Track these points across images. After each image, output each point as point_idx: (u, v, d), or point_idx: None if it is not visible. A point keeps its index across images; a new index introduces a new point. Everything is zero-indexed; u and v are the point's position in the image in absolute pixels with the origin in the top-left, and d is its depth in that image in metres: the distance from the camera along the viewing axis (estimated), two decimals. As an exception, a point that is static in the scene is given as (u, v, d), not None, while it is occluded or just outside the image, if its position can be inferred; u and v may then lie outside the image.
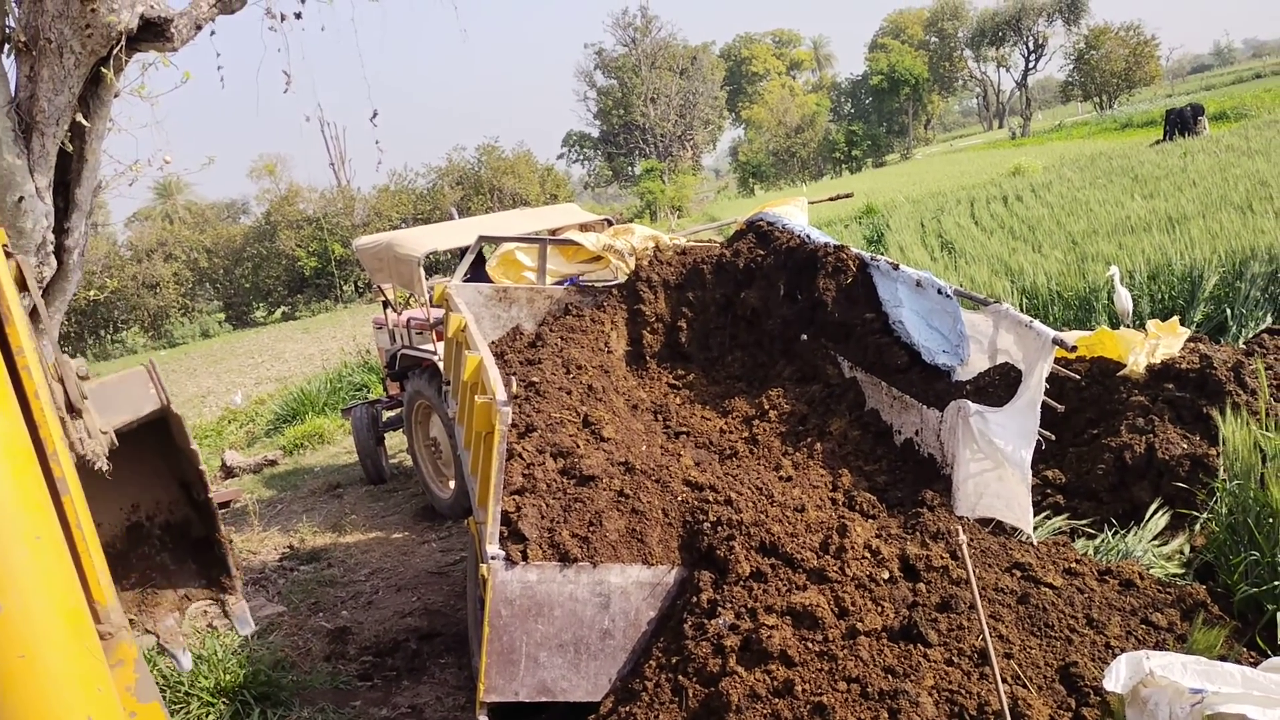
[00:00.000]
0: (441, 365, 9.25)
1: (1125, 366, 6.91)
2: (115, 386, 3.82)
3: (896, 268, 7.72)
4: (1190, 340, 7.28)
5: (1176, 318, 7.61)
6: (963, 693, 4.21)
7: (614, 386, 7.76)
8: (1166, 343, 7.03)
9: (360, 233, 43.33)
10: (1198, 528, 5.79)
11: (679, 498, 5.52)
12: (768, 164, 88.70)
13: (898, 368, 7.29)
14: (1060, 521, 6.09)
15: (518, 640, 4.92)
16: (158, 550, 4.31)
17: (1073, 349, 6.22)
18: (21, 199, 5.77)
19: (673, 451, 6.54)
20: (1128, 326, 8.73)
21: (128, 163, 7.36)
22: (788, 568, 5.02)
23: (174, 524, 4.33)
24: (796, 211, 9.96)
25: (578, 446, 5.86)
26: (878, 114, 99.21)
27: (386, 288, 12.11)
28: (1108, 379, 6.95)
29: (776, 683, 4.42)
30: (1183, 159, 21.75)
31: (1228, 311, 10.21)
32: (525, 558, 4.91)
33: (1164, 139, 33.59)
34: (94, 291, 39.33)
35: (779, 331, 8.62)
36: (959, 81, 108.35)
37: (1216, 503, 5.59)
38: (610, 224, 11.65)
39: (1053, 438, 6.34)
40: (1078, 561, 5.33)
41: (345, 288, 49.05)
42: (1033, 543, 5.79)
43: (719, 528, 5.21)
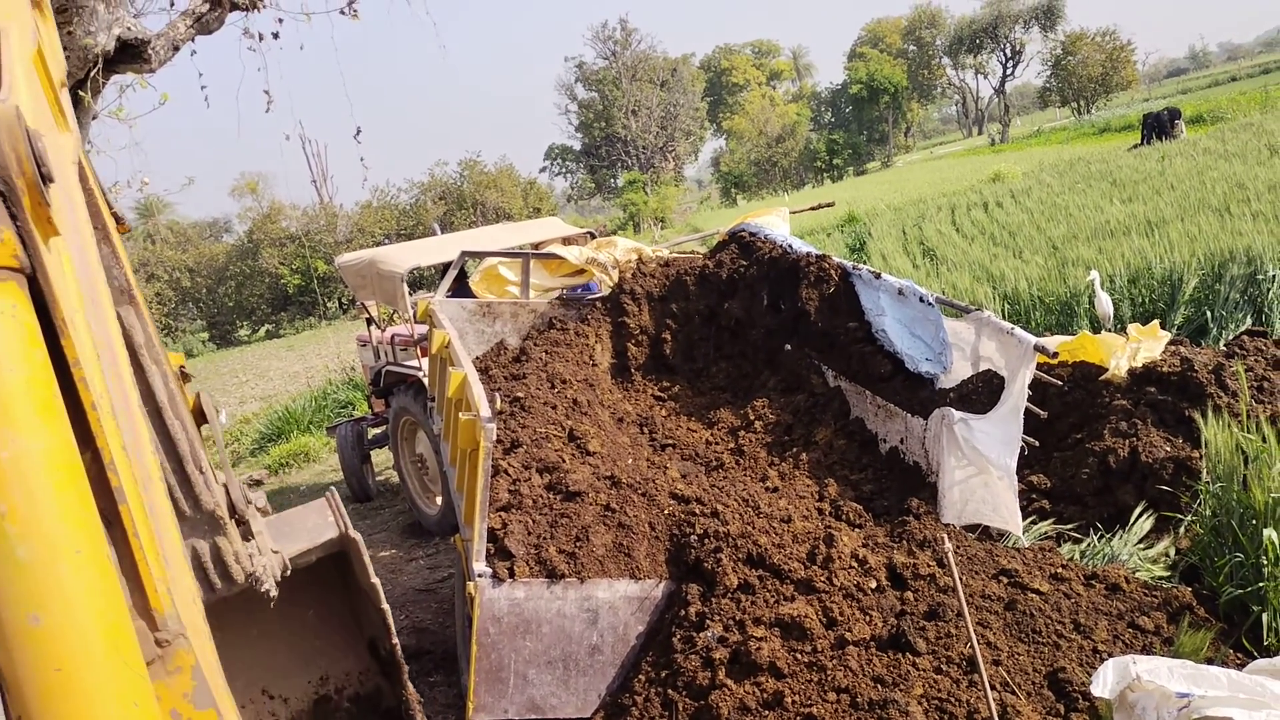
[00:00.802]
0: (426, 381, 9.23)
1: (1107, 370, 6.94)
2: (296, 516, 3.70)
3: (879, 276, 7.75)
4: (1171, 343, 7.32)
5: (1157, 321, 7.65)
6: (952, 701, 4.22)
7: (599, 400, 7.75)
8: (1148, 346, 7.06)
9: (343, 249, 43.24)
10: (1182, 530, 5.81)
11: (666, 511, 5.52)
12: (749, 174, 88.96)
13: (882, 376, 7.31)
14: (1046, 526, 6.11)
15: (506, 658, 4.90)
16: None
17: (1054, 355, 6.25)
18: None
19: (659, 464, 6.53)
20: (1109, 330, 8.78)
21: (107, 185, 7.34)
22: (775, 579, 5.02)
23: (364, 696, 4.08)
24: (778, 221, 10.00)
25: (564, 461, 5.85)
26: (858, 122, 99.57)
27: (370, 304, 12.07)
28: (1090, 383, 6.98)
29: (766, 695, 4.42)
30: (1160, 163, 21.89)
31: (1208, 314, 10.27)
32: (512, 575, 4.90)
33: (1141, 143, 33.81)
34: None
35: (763, 342, 8.64)
36: (938, 89, 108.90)
37: (1200, 505, 5.61)
38: (593, 237, 11.65)
39: (1036, 444, 6.37)
40: (1064, 566, 5.34)
41: (329, 305, 48.89)
42: (1023, 544, 5.81)
43: (706, 540, 5.21)
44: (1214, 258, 11.00)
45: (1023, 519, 6.04)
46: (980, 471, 5.96)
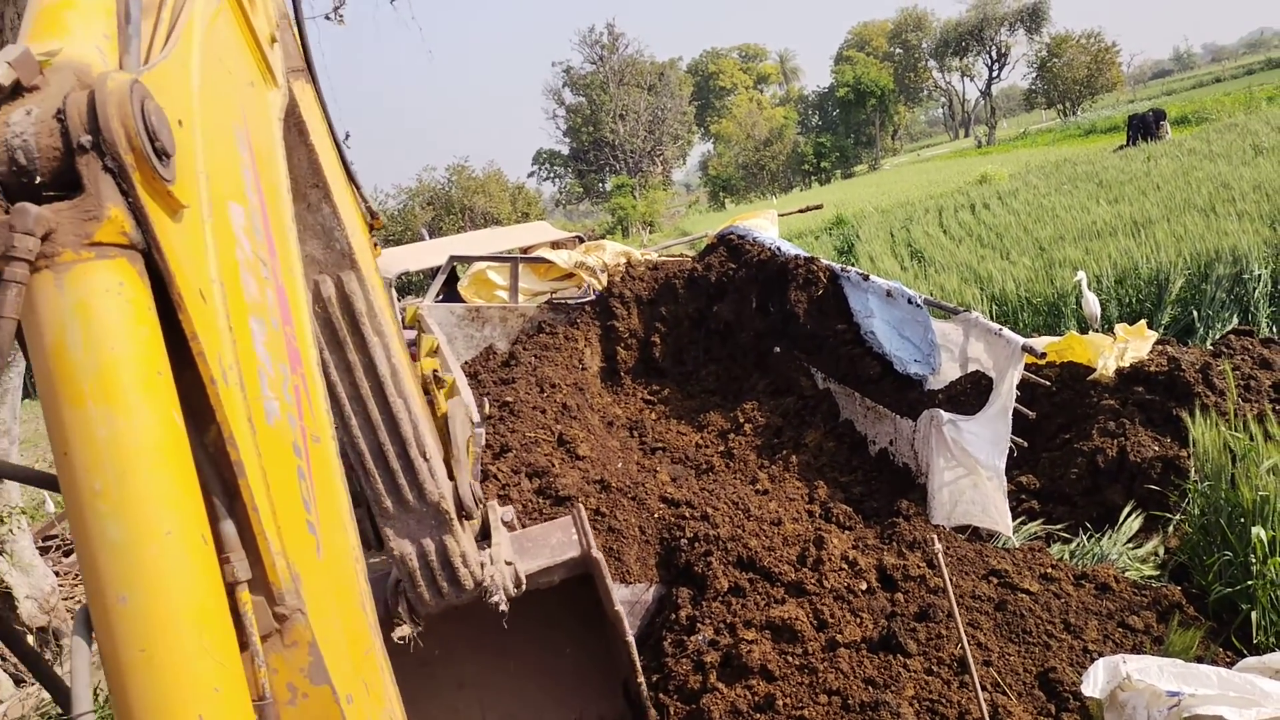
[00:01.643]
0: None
1: (1095, 371, 6.95)
2: (540, 532, 3.49)
3: (867, 278, 7.76)
4: (1158, 343, 7.34)
5: (1144, 321, 7.67)
6: (943, 702, 4.22)
7: (589, 404, 7.75)
8: (1135, 346, 7.08)
9: (331, 255, 42.97)
10: (1171, 529, 5.82)
11: (656, 514, 5.51)
12: (737, 177, 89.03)
13: (870, 378, 7.32)
14: (1035, 527, 6.11)
15: None
16: None
17: (1042, 356, 6.27)
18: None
19: (649, 468, 6.53)
20: (1096, 331, 8.80)
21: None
22: (766, 582, 5.02)
23: None
24: (767, 224, 10.02)
25: (553, 466, 5.84)
26: (845, 125, 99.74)
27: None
28: (1078, 383, 7.00)
29: (758, 698, 4.41)
30: (1146, 163, 21.96)
31: (1194, 313, 10.31)
32: (502, 579, 4.87)
33: (1127, 144, 33.90)
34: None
35: (752, 344, 8.64)
36: (924, 92, 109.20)
37: (1189, 504, 5.63)
38: (582, 241, 11.65)
39: (1025, 444, 6.38)
40: (1054, 567, 5.35)
41: (317, 311, 48.66)
42: (1013, 544, 5.82)
43: (696, 544, 5.20)
44: (1200, 257, 11.05)
45: (1013, 519, 6.05)
46: (969, 472, 5.96)
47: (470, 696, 3.73)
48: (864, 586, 5.05)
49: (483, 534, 3.10)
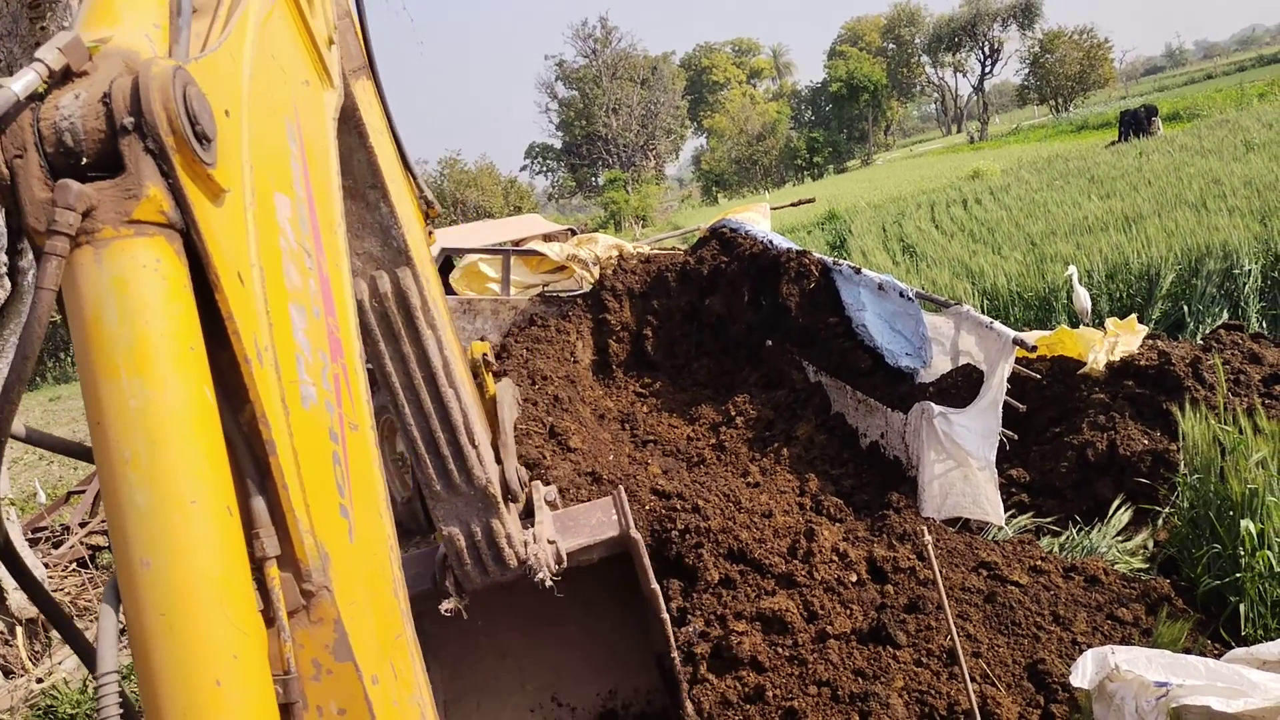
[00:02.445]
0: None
1: (1085, 365, 6.97)
2: (581, 511, 3.61)
3: (859, 272, 7.77)
4: (1149, 337, 7.35)
5: (1135, 315, 7.69)
6: (932, 693, 4.23)
7: (580, 396, 7.74)
8: (1125, 340, 7.10)
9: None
10: (1160, 522, 5.84)
11: (647, 506, 5.51)
12: (730, 172, 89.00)
13: (862, 371, 7.33)
14: (1025, 520, 6.13)
15: None
16: None
17: (1033, 349, 6.28)
18: (-27, 220, 5.68)
19: (640, 460, 6.53)
20: (1087, 325, 8.82)
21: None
22: (756, 573, 5.02)
23: (649, 714, 4.02)
24: (759, 217, 10.02)
25: (545, 458, 5.84)
26: (838, 120, 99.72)
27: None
28: (1068, 377, 7.01)
29: (748, 688, 4.42)
30: (1138, 159, 22.00)
31: (1185, 308, 10.34)
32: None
33: (1119, 140, 33.96)
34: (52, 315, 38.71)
35: (744, 338, 8.64)
36: (917, 87, 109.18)
37: (1178, 497, 5.65)
38: (574, 234, 11.63)
39: (1015, 437, 6.39)
40: (1043, 559, 5.36)
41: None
42: (1007, 534, 5.85)
43: (687, 536, 5.20)
44: (1191, 253, 11.08)
45: (1004, 515, 6.07)
46: (960, 465, 5.98)
47: (511, 666, 3.88)
48: (854, 578, 5.05)
49: (526, 512, 3.25)
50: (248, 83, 1.36)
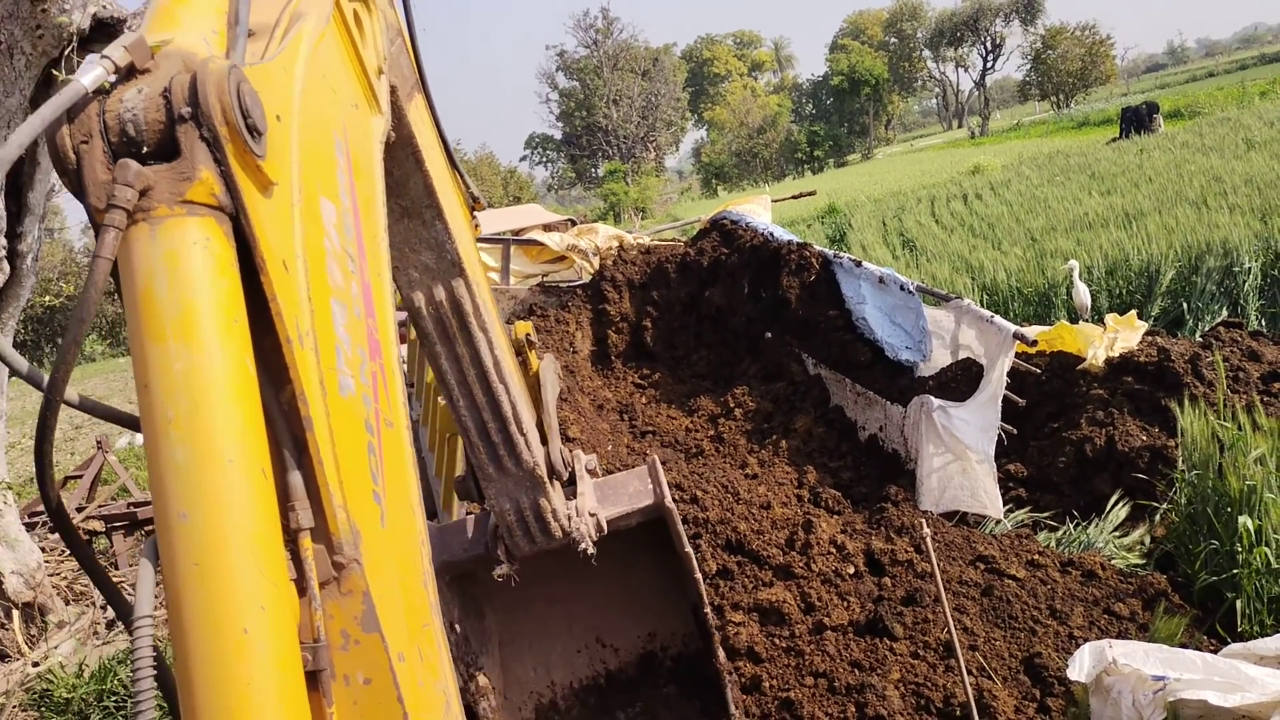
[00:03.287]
0: (405, 369, 9.18)
1: (1085, 360, 6.97)
2: (620, 480, 3.85)
3: (859, 265, 7.77)
4: (1148, 334, 7.36)
5: (1134, 312, 7.69)
6: (929, 685, 4.24)
7: (579, 387, 7.74)
8: (1125, 336, 7.10)
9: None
10: (1158, 518, 5.85)
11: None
12: (730, 165, 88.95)
13: (861, 364, 7.33)
14: (1023, 514, 6.13)
15: None
16: (666, 681, 4.27)
17: (1033, 343, 6.28)
18: (-28, 203, 5.68)
19: (639, 451, 6.53)
20: (1086, 321, 8.82)
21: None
22: (754, 565, 5.02)
23: (686, 656, 4.27)
24: (760, 210, 10.01)
25: (543, 446, 5.83)
26: (839, 114, 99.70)
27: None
28: (1067, 373, 7.02)
29: (744, 679, 4.43)
30: (1139, 156, 22.00)
31: (1184, 305, 10.35)
32: (491, 559, 4.88)
33: (1120, 137, 33.97)
34: (50, 298, 38.74)
35: (744, 329, 8.64)
36: (918, 82, 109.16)
37: (1176, 493, 5.65)
38: (574, 224, 11.62)
39: (1014, 431, 6.40)
40: (1040, 553, 5.37)
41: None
42: (1006, 527, 5.86)
43: (686, 525, 5.20)
44: (1191, 250, 11.09)
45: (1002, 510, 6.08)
46: (958, 458, 5.98)
47: (559, 611, 4.20)
48: (851, 570, 5.06)
49: (569, 482, 3.54)
50: (298, 95, 1.46)
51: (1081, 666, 3.73)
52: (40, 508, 10.13)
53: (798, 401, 7.66)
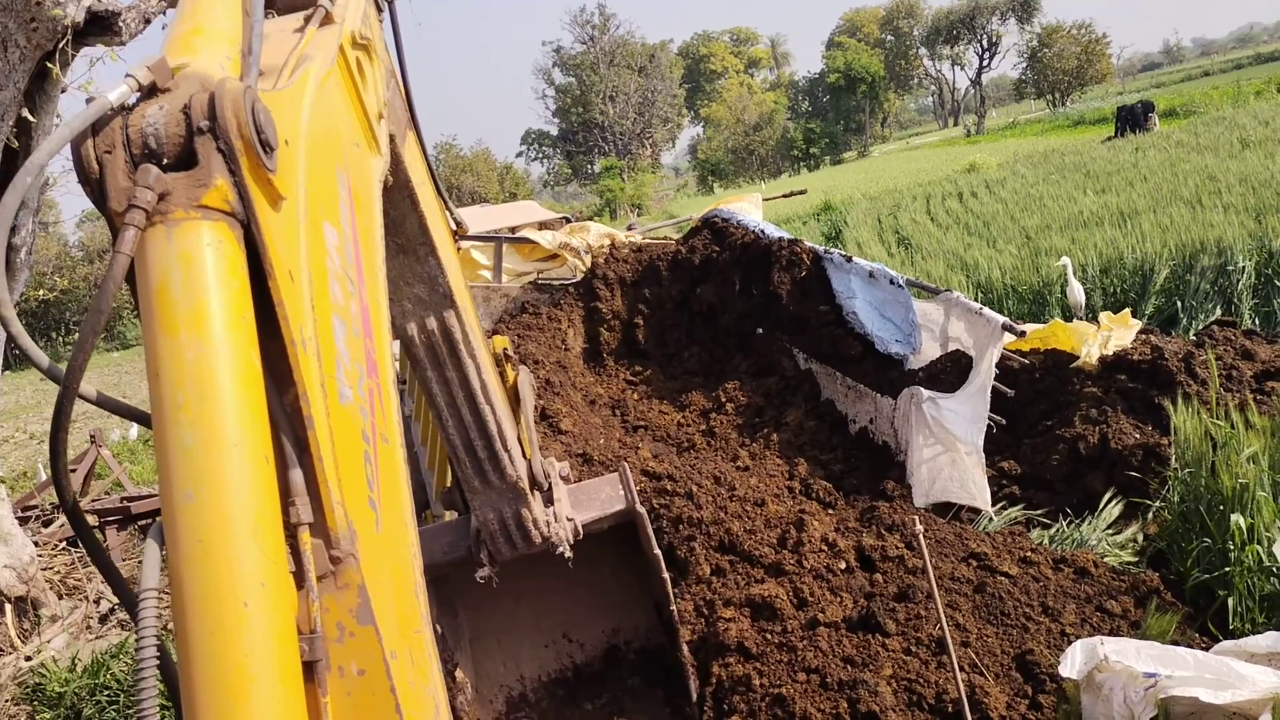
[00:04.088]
0: (397, 364, 9.17)
1: (1078, 358, 6.97)
2: (593, 486, 4.07)
3: (850, 260, 7.77)
4: (1142, 332, 7.36)
5: (1128, 310, 7.69)
6: (921, 681, 4.23)
7: (571, 383, 7.73)
8: (1118, 335, 7.10)
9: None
10: (1150, 516, 5.84)
11: (638, 488, 5.50)
12: (726, 162, 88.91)
13: (852, 358, 7.34)
14: (1016, 512, 6.13)
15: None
16: (630, 673, 4.50)
17: (1021, 333, 6.30)
18: (-38, 195, 5.64)
19: (630, 445, 6.53)
20: (1080, 319, 8.81)
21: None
22: (747, 564, 5.02)
23: (648, 649, 4.52)
24: (751, 208, 10.02)
25: (535, 441, 5.83)
26: (835, 112, 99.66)
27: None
28: (1061, 371, 7.01)
29: (735, 676, 4.41)
30: (1134, 155, 22.01)
31: (1178, 304, 10.34)
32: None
33: (1115, 135, 33.98)
34: (44, 292, 38.60)
35: (735, 326, 8.63)
36: (915, 80, 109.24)
37: (1169, 491, 5.65)
38: (568, 222, 11.62)
39: (1004, 422, 6.41)
40: (1033, 551, 5.36)
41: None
42: (992, 519, 5.86)
43: (680, 527, 5.19)
44: (1185, 248, 11.09)
45: (993, 504, 6.08)
46: (948, 449, 5.99)
47: (526, 608, 4.42)
48: (843, 566, 5.05)
49: (546, 492, 3.75)
50: (305, 124, 1.56)
51: (1073, 663, 3.73)
52: (33, 502, 10.12)
53: (789, 396, 7.66)
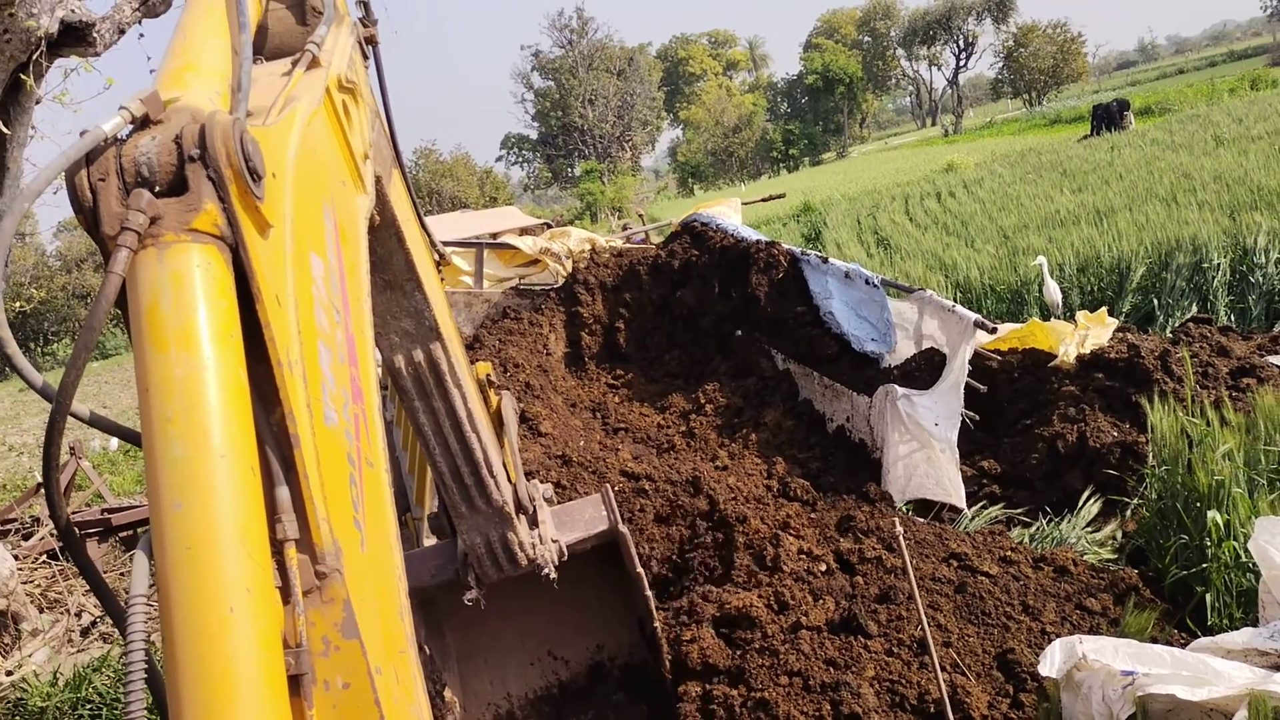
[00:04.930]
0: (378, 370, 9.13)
1: (1056, 357, 7.01)
2: (576, 507, 4.11)
3: (826, 261, 7.82)
4: (1119, 330, 7.41)
5: (1105, 308, 7.74)
6: (903, 682, 4.24)
7: (552, 386, 7.73)
8: (1096, 333, 7.15)
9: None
10: (1129, 513, 5.88)
11: (616, 488, 5.51)
12: (706, 164, 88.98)
13: (829, 357, 7.39)
14: (996, 511, 6.16)
15: None
16: (615, 689, 4.55)
17: (993, 330, 6.34)
18: (-65, 207, 5.60)
19: (611, 446, 6.53)
20: (1058, 318, 8.86)
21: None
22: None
23: (632, 666, 4.56)
24: (730, 211, 10.06)
25: (515, 445, 5.83)
26: (813, 113, 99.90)
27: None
28: (1039, 370, 7.05)
29: (716, 684, 4.42)
30: (1109, 153, 22.16)
31: (1155, 301, 10.42)
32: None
33: (1091, 134, 34.18)
34: (21, 303, 38.33)
35: (714, 328, 8.66)
36: (892, 80, 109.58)
37: (1146, 488, 5.69)
38: (549, 227, 11.62)
39: (977, 418, 6.44)
40: (1013, 550, 5.39)
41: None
42: (967, 515, 5.89)
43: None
44: (1161, 246, 11.16)
45: (972, 504, 6.11)
46: (923, 446, 6.02)
47: (512, 627, 4.45)
48: (823, 568, 5.07)
49: (520, 508, 3.76)
50: (292, 159, 1.60)
51: (1053, 662, 3.75)
52: (12, 515, 10.04)
53: (767, 396, 7.70)
